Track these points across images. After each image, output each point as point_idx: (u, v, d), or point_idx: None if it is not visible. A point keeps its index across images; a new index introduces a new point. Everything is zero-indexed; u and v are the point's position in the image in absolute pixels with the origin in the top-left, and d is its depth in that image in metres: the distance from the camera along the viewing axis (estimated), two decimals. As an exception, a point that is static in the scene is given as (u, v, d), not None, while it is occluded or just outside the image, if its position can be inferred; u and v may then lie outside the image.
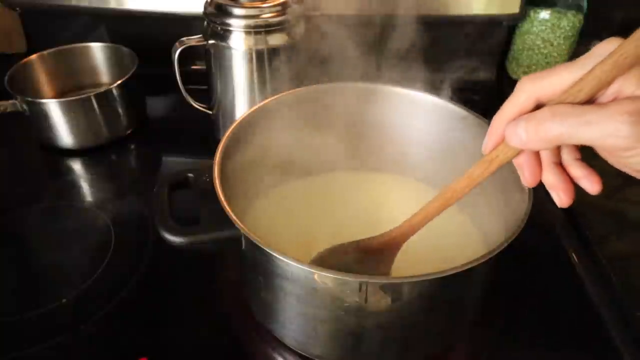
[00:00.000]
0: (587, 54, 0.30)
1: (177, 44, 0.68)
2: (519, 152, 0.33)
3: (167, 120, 0.84)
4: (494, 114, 0.34)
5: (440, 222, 0.57)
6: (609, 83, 0.28)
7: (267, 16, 0.64)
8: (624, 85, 0.28)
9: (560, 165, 0.34)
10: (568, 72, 0.30)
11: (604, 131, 0.27)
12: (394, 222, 0.57)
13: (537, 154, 0.34)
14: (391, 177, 0.62)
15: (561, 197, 0.34)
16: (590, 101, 0.29)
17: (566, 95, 0.29)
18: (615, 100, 0.28)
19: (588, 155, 0.33)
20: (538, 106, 0.31)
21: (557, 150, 0.34)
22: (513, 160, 0.34)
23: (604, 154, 0.31)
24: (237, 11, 0.64)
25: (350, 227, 0.56)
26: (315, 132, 0.59)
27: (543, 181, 0.34)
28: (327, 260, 0.46)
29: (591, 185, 0.33)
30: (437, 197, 0.41)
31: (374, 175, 0.63)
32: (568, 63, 0.30)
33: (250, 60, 0.66)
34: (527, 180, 0.34)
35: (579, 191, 0.35)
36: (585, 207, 0.64)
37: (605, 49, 0.28)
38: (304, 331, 0.45)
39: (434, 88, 0.57)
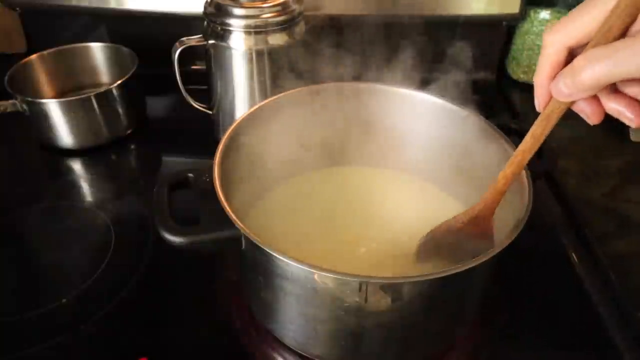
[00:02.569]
0: None
1: (177, 44, 0.68)
2: (571, 103, 0.34)
3: (167, 120, 0.84)
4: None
5: (440, 222, 0.57)
6: (635, 15, 0.28)
7: (267, 16, 0.64)
8: None
9: (617, 91, 0.33)
10: (591, 11, 0.30)
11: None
12: (395, 221, 0.57)
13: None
14: (392, 177, 0.62)
15: (632, 118, 0.32)
16: (623, 36, 0.29)
17: (597, 38, 0.29)
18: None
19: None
20: (571, 53, 0.32)
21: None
22: (573, 107, 0.34)
23: None
24: (237, 11, 0.63)
25: (351, 226, 0.56)
26: (315, 131, 0.59)
27: (608, 112, 0.33)
28: (428, 252, 0.48)
29: None
30: (511, 162, 0.41)
31: (374, 174, 0.63)
32: (587, 1, 0.30)
33: (250, 60, 0.66)
34: (593, 119, 0.34)
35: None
36: (585, 207, 0.64)
37: None
38: (304, 331, 0.45)
39: (433, 88, 0.57)
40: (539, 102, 0.36)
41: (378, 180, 0.62)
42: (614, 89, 0.32)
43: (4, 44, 0.91)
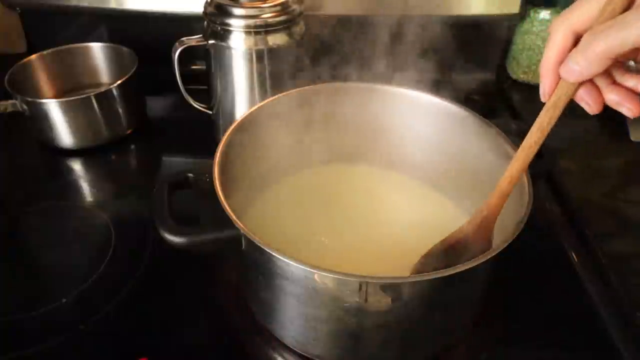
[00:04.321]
0: None
1: (177, 44, 0.68)
2: (577, 88, 0.35)
3: (167, 120, 0.84)
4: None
5: (440, 222, 0.57)
6: None
7: (267, 16, 0.64)
8: None
9: (616, 83, 0.34)
10: (589, 2, 0.32)
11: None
12: (395, 220, 0.57)
13: (593, 84, 0.35)
14: (391, 176, 0.62)
15: (630, 109, 0.34)
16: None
17: (602, 17, 0.31)
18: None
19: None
20: (577, 39, 0.33)
21: (609, 75, 0.34)
22: (575, 97, 0.36)
23: None
24: (237, 11, 0.64)
25: (351, 225, 0.56)
26: (315, 132, 0.59)
27: (608, 103, 0.35)
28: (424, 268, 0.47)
29: None
30: (516, 159, 0.41)
31: (374, 174, 0.63)
32: None
33: (250, 60, 0.66)
34: (593, 109, 0.35)
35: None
36: (585, 207, 0.64)
37: None
38: (304, 331, 0.45)
39: (433, 88, 0.57)
40: (544, 90, 0.36)
41: (378, 179, 0.63)
42: (613, 81, 0.34)
43: (4, 44, 0.91)
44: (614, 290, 0.54)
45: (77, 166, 0.74)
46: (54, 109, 0.70)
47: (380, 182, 0.62)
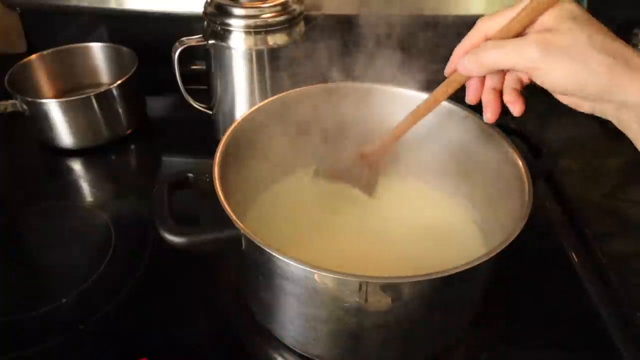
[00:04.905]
0: None
1: (177, 44, 0.68)
2: (467, 78, 0.42)
3: (167, 120, 0.84)
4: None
5: (440, 222, 0.58)
6: (531, 22, 0.37)
7: (267, 16, 0.64)
8: (546, 20, 0.36)
9: (496, 90, 0.42)
10: (508, 13, 0.38)
11: (521, 56, 0.36)
12: (395, 220, 0.57)
13: (482, 80, 0.42)
14: (391, 176, 0.62)
15: (488, 114, 0.43)
16: (521, 34, 0.37)
17: (501, 33, 0.38)
18: (529, 32, 0.37)
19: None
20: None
21: (500, 78, 0.42)
22: (467, 83, 0.43)
23: (529, 77, 0.38)
24: (237, 11, 0.64)
25: (351, 225, 0.56)
26: (315, 132, 0.59)
27: (482, 100, 0.43)
28: (327, 173, 0.58)
29: (514, 107, 0.41)
30: (408, 116, 0.50)
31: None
32: (511, 7, 0.38)
33: (250, 60, 0.66)
34: (469, 98, 0.44)
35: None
36: (585, 207, 0.64)
37: None
38: (304, 331, 0.45)
39: (433, 88, 0.57)
40: (449, 68, 0.44)
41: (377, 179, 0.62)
42: (493, 86, 0.42)
43: (4, 44, 0.91)
44: (614, 290, 0.54)
45: (77, 166, 0.74)
46: (54, 109, 0.70)
47: (380, 182, 0.62)
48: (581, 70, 0.34)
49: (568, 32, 0.35)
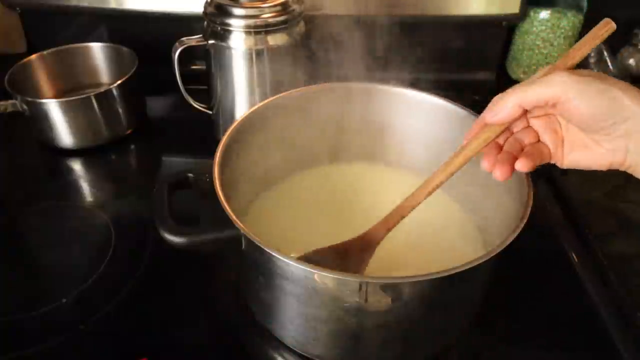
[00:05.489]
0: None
1: (177, 44, 0.68)
2: (495, 134, 0.40)
3: (167, 120, 0.84)
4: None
5: (440, 222, 0.57)
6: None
7: (267, 16, 0.64)
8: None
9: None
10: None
11: (549, 84, 0.36)
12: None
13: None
14: (391, 176, 0.62)
15: (498, 175, 0.40)
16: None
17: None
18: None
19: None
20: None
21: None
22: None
23: (556, 110, 0.38)
24: (237, 11, 0.64)
25: (351, 225, 0.56)
26: (315, 131, 0.59)
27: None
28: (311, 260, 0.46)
29: (501, 170, 0.39)
30: (418, 191, 0.45)
31: (374, 174, 0.63)
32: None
33: (250, 60, 0.66)
34: (487, 167, 0.41)
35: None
36: (586, 207, 0.64)
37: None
38: (304, 331, 0.45)
39: (433, 88, 0.57)
40: (467, 134, 0.42)
41: (377, 179, 0.62)
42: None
43: (4, 44, 0.91)
44: (614, 291, 0.54)
45: (77, 166, 0.74)
46: (54, 109, 0.70)
47: (381, 182, 0.62)
48: (611, 89, 0.35)
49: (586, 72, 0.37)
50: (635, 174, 0.37)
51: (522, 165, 0.38)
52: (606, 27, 0.38)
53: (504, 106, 0.38)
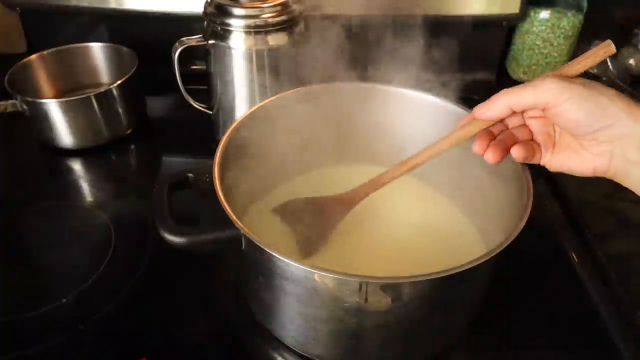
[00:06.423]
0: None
1: (177, 44, 0.68)
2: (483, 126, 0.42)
3: (167, 120, 0.84)
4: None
5: (440, 222, 0.58)
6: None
7: (267, 16, 0.64)
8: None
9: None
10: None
11: (539, 89, 0.37)
12: (395, 220, 0.57)
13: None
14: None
15: (488, 158, 0.41)
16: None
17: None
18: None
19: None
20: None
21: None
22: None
23: (546, 114, 0.39)
24: (237, 11, 0.64)
25: (351, 225, 0.56)
26: (314, 131, 0.59)
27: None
28: (284, 212, 0.54)
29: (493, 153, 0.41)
30: (404, 163, 0.48)
31: (373, 174, 0.63)
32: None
33: (250, 60, 0.66)
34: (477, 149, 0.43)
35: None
36: (585, 207, 0.64)
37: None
38: (304, 331, 0.45)
39: (433, 88, 0.57)
40: (460, 123, 0.45)
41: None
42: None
43: (4, 44, 0.91)
44: (614, 290, 0.54)
45: (77, 166, 0.74)
46: (54, 109, 0.70)
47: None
48: (598, 95, 0.36)
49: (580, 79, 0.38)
50: (620, 181, 0.38)
51: (517, 152, 0.40)
52: (606, 49, 0.39)
53: (494, 105, 0.40)
